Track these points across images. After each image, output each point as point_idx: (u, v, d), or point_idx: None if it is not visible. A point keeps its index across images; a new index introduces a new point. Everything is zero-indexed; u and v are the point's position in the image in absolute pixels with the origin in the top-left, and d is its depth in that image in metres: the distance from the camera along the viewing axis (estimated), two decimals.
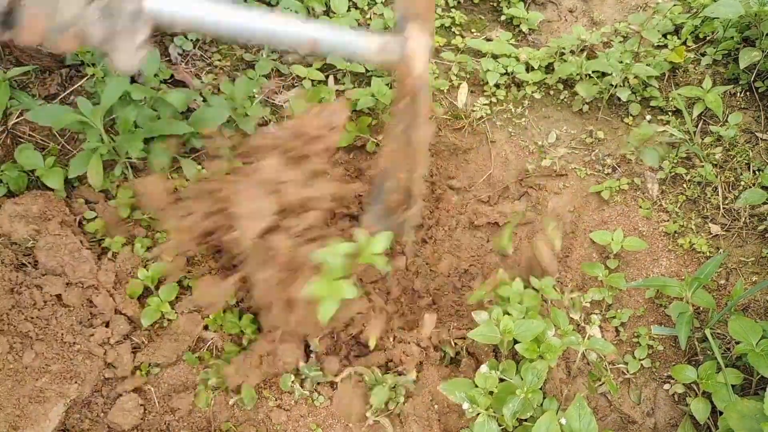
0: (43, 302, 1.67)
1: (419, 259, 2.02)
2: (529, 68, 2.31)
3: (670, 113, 2.20)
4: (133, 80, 1.97)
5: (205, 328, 1.76)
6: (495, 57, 2.30)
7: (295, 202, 1.61)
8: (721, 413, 1.56)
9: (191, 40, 2.20)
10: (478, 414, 1.49)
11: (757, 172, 1.99)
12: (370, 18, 2.32)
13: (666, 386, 1.76)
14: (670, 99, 2.20)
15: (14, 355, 1.60)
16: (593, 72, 2.20)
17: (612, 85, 2.19)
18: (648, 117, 2.21)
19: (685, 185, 2.05)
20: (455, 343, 1.78)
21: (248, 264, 1.64)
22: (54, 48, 1.17)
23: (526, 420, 1.53)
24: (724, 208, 1.98)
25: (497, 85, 2.27)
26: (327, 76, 2.23)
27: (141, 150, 1.87)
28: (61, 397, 1.57)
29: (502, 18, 2.51)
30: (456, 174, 2.18)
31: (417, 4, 1.49)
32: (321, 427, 1.62)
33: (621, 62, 2.18)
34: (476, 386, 1.56)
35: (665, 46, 2.32)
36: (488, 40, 2.37)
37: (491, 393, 1.54)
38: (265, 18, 1.41)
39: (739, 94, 2.17)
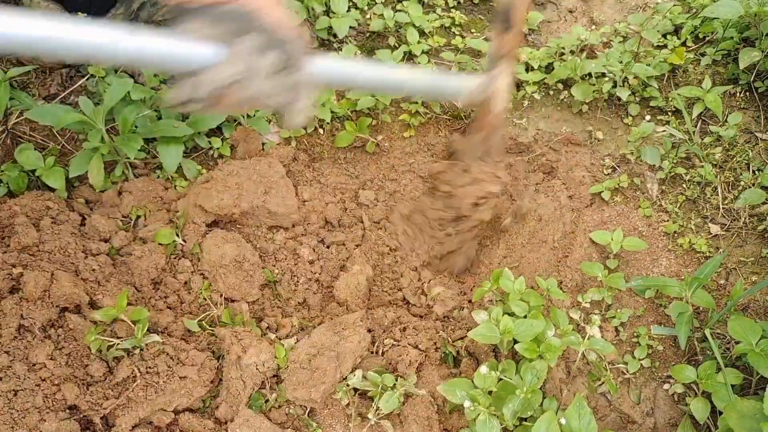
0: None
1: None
2: (529, 68, 2.31)
3: (669, 113, 2.20)
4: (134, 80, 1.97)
5: None
6: None
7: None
8: (720, 413, 1.55)
9: None
10: (479, 414, 1.49)
11: (757, 172, 2.00)
12: (370, 18, 2.32)
13: (666, 386, 1.76)
14: (670, 99, 2.20)
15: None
16: (594, 72, 2.20)
17: (612, 86, 2.19)
18: (647, 117, 2.21)
19: (684, 185, 2.05)
20: (455, 343, 1.78)
21: None
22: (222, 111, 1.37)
23: (526, 419, 1.53)
24: (723, 208, 1.98)
25: None
26: None
27: (139, 150, 1.87)
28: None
29: None
30: None
31: (506, 44, 1.67)
32: (321, 426, 1.62)
33: (621, 62, 2.18)
34: (476, 386, 1.56)
35: (665, 46, 2.32)
36: (488, 40, 2.37)
37: (491, 393, 1.55)
38: (395, 71, 1.65)
39: (738, 94, 2.17)
